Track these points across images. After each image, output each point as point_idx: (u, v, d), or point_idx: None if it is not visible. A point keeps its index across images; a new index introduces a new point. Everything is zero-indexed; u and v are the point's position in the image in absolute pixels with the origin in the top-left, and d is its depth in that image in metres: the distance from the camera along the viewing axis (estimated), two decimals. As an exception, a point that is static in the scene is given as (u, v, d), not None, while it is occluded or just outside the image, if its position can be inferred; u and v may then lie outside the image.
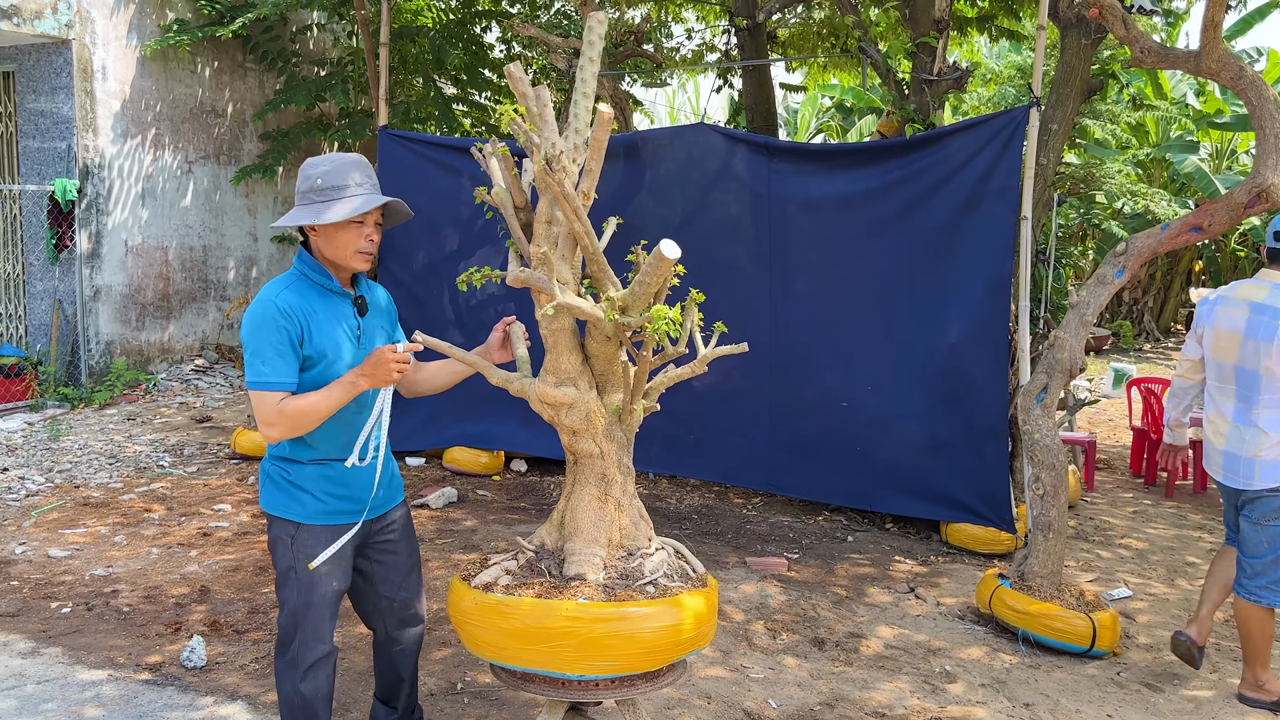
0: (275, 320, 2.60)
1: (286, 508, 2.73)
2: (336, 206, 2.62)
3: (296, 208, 2.69)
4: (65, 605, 4.43)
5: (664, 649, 2.70)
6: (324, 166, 2.67)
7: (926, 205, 5.46)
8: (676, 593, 2.76)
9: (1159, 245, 4.40)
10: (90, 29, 9.04)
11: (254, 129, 10.89)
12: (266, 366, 2.59)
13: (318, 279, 2.72)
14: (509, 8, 10.90)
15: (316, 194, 2.65)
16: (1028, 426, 4.48)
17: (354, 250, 2.68)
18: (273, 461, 2.78)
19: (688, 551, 3.04)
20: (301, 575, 2.72)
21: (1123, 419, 10.11)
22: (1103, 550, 5.81)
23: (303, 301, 2.67)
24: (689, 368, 2.93)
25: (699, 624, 2.76)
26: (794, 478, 6.02)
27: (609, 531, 2.87)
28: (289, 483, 2.73)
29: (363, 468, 2.79)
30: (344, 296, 2.77)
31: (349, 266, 2.73)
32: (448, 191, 6.74)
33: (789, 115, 22.67)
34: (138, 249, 9.71)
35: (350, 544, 2.80)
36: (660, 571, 2.85)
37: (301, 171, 2.71)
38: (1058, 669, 4.12)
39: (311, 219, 2.62)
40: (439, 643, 4.14)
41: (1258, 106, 4.09)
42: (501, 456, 7.05)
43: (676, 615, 2.70)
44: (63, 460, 6.98)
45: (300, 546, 2.72)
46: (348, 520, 2.78)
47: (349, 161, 2.68)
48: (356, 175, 2.67)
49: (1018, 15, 8.55)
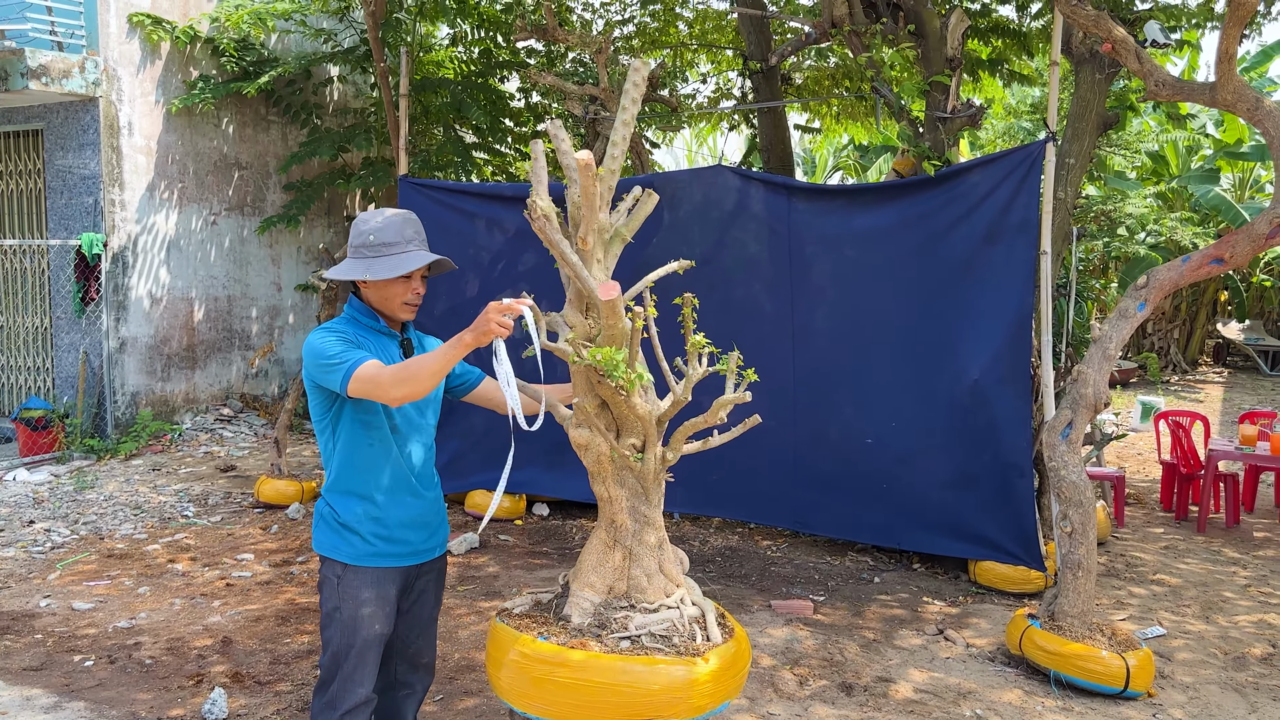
0: (333, 336, 2.71)
1: (335, 548, 2.78)
2: (387, 261, 2.74)
3: (349, 260, 2.80)
4: (89, 658, 4.42)
5: (615, 705, 2.59)
6: (376, 222, 2.78)
7: (946, 241, 5.45)
8: (653, 654, 2.65)
9: (1180, 278, 4.36)
10: (117, 87, 9.23)
11: (278, 180, 11.05)
12: (346, 356, 2.63)
13: (366, 321, 2.83)
14: (527, 59, 11.06)
15: (369, 249, 2.76)
16: (1053, 463, 4.41)
17: (401, 302, 2.80)
18: (325, 500, 2.84)
19: (714, 619, 2.88)
20: (346, 617, 2.75)
21: (1151, 453, 9.96)
22: (1135, 587, 5.70)
23: (357, 333, 2.79)
24: (703, 418, 2.84)
25: (671, 691, 2.59)
26: (819, 516, 5.97)
27: (610, 579, 2.84)
28: (339, 523, 2.78)
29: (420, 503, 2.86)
30: (391, 337, 2.87)
31: (396, 317, 2.85)
32: (467, 236, 6.81)
33: (805, 155, 22.80)
34: (163, 300, 9.83)
35: (395, 587, 2.83)
36: (649, 629, 2.75)
37: (355, 226, 2.83)
38: (1091, 711, 4.02)
39: (362, 274, 2.73)
40: (463, 692, 4.10)
41: (1276, 137, 4.07)
42: (524, 500, 7.03)
43: (636, 674, 2.59)
44: (88, 512, 7.02)
45: (346, 588, 2.76)
46: (395, 564, 2.82)
47: (399, 219, 2.79)
48: (408, 231, 2.79)
49: (1030, 52, 8.58)
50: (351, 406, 2.75)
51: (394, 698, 3.04)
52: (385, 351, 2.81)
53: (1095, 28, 4.41)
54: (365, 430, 2.77)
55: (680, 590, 2.91)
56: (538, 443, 6.98)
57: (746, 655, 2.86)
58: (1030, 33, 8.48)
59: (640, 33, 10.26)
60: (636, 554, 2.89)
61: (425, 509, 2.88)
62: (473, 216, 6.81)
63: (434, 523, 2.93)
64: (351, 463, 2.78)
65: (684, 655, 2.68)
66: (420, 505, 2.86)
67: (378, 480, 2.79)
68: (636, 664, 2.61)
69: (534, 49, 10.89)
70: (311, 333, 2.76)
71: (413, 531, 2.84)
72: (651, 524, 2.91)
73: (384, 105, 8.96)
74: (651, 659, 2.63)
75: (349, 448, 2.78)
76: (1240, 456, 6.88)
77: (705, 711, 2.66)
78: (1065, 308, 7.64)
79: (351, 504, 2.78)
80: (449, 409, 7.03)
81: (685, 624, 2.82)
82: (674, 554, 2.99)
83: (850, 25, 6.76)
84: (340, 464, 2.79)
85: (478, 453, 6.90)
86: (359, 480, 2.78)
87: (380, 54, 8.13)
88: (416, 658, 3.02)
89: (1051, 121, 5.15)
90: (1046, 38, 8.00)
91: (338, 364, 2.63)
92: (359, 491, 2.78)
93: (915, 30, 6.47)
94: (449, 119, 11.04)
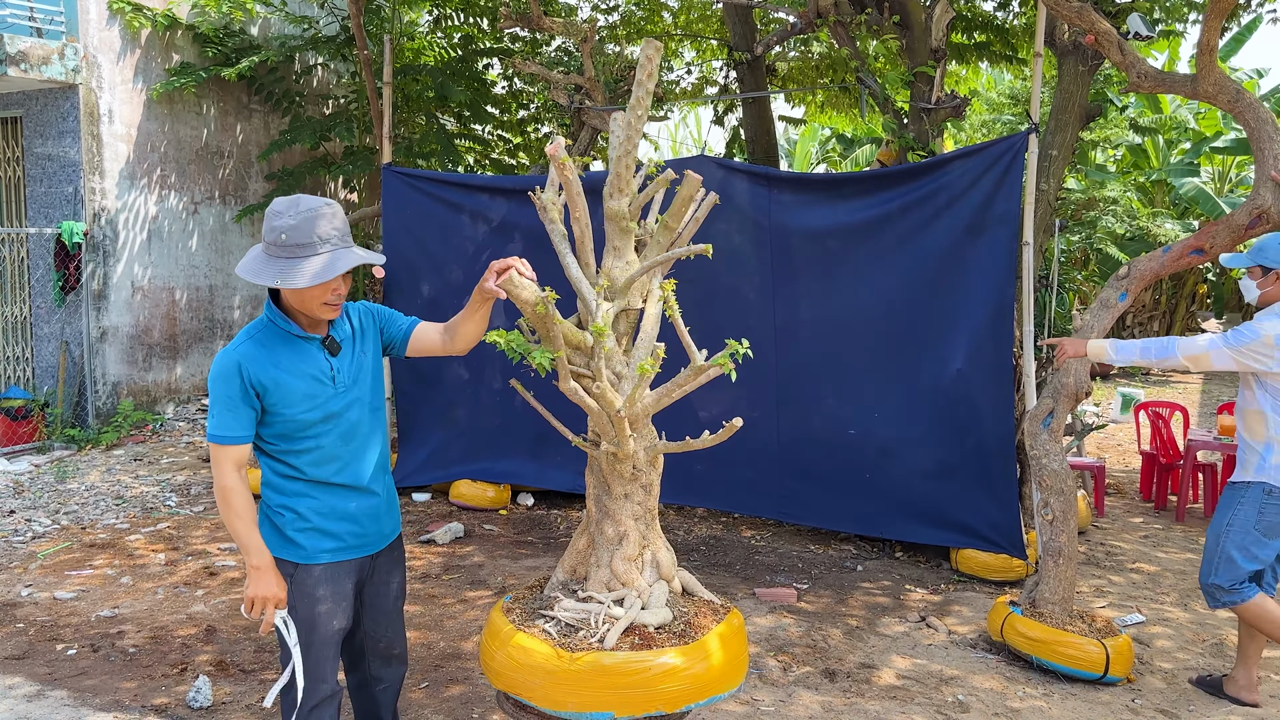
0: (230, 375, 2.58)
1: (282, 548, 2.69)
2: (300, 266, 2.52)
3: (260, 259, 2.59)
4: (71, 647, 4.40)
5: (495, 672, 2.79)
6: (288, 220, 2.54)
7: (929, 232, 5.47)
8: (545, 639, 2.74)
9: (1161, 268, 4.40)
10: (97, 74, 9.15)
11: (259, 169, 10.98)
12: (216, 419, 2.60)
13: (282, 327, 2.66)
14: (510, 45, 11.01)
15: (281, 249, 2.54)
16: (1035, 452, 4.45)
17: (320, 304, 2.61)
18: (266, 499, 2.74)
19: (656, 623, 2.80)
20: (302, 615, 2.69)
21: (1131, 443, 10.06)
22: (1114, 575, 5.76)
23: (264, 352, 2.61)
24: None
25: (529, 674, 2.70)
26: (803, 506, 6.00)
27: (573, 560, 3.02)
28: (284, 523, 2.70)
29: (365, 497, 2.78)
30: (310, 340, 2.68)
31: (316, 318, 2.67)
32: (451, 226, 6.79)
33: (790, 147, 22.81)
34: (144, 290, 9.76)
35: (350, 580, 2.77)
36: (560, 617, 2.80)
37: (266, 217, 2.59)
38: (1072, 696, 4.07)
39: (271, 280, 2.54)
40: (449, 680, 4.11)
41: (1255, 129, 4.10)
42: (508, 490, 7.03)
43: (511, 653, 2.76)
44: (69, 502, 6.98)
45: (299, 587, 2.68)
46: (346, 557, 2.75)
47: (313, 215, 2.54)
48: (323, 228, 2.54)
49: (1014, 48, 8.61)
50: (269, 415, 2.66)
51: (370, 694, 3.01)
52: (305, 363, 2.66)
53: (1079, 20, 4.43)
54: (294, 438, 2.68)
55: (626, 590, 2.85)
56: (522, 434, 7.04)
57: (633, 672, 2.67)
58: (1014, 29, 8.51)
59: (626, 21, 10.23)
60: (596, 543, 2.91)
61: (369, 499, 2.79)
62: (457, 207, 6.79)
63: (381, 510, 2.84)
64: (285, 464, 2.71)
65: (561, 649, 2.69)
66: (364, 496, 2.78)
67: (316, 476, 2.71)
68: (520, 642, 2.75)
69: (518, 35, 10.84)
70: (219, 353, 2.63)
71: (359, 523, 2.76)
72: (610, 516, 2.90)
73: (366, 93, 8.91)
74: (525, 642, 2.73)
75: (279, 451, 2.70)
76: (1219, 446, 6.96)
77: (564, 710, 2.67)
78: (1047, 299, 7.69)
79: (294, 504, 2.70)
80: (431, 403, 7.03)
81: (596, 622, 2.76)
82: (653, 554, 2.94)
83: (836, 16, 6.77)
84: (273, 465, 2.72)
85: (460, 444, 6.91)
86: (296, 482, 2.70)
87: (363, 41, 8.07)
88: (388, 650, 2.98)
89: (1034, 113, 5.18)
90: (1030, 32, 8.04)
91: (210, 423, 2.62)
92: (298, 491, 2.70)
93: (900, 21, 6.49)
94: (431, 107, 10.98)
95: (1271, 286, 3.89)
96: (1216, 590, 3.94)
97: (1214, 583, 3.94)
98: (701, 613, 2.92)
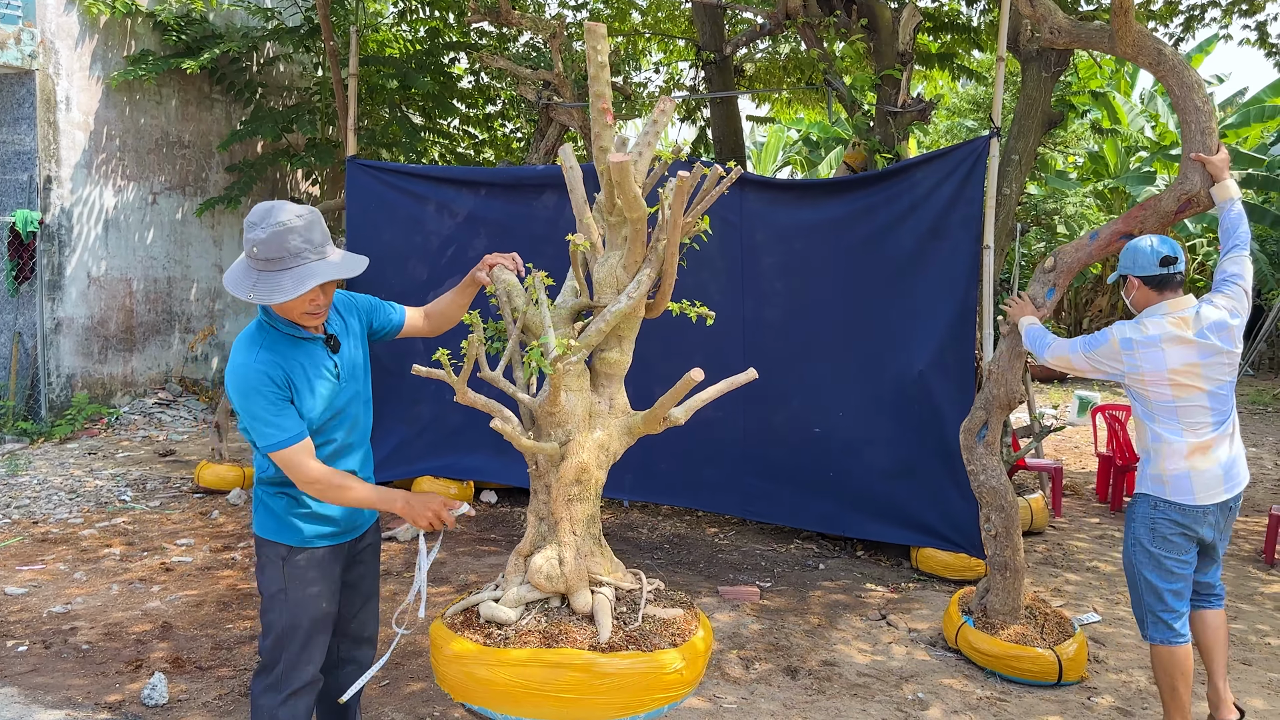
0: (263, 384, 2.57)
1: (278, 531, 2.74)
2: (271, 280, 2.52)
3: (242, 269, 2.57)
4: (21, 643, 4.31)
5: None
6: (259, 234, 2.51)
7: (893, 235, 5.52)
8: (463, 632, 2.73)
9: (1089, 256, 4.20)
10: (54, 60, 8.97)
11: (220, 160, 10.83)
12: (272, 428, 2.56)
13: (285, 329, 2.66)
14: (477, 39, 10.95)
15: (255, 261, 2.53)
16: (972, 467, 4.34)
17: (300, 313, 2.62)
18: (264, 487, 2.78)
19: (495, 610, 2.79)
20: (293, 598, 2.74)
21: (1088, 446, 10.21)
22: (1071, 574, 5.84)
23: (279, 358, 2.62)
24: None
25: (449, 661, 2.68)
26: (767, 504, 6.02)
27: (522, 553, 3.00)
28: (283, 508, 2.75)
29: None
30: (314, 341, 2.71)
31: (301, 325, 2.68)
32: (416, 220, 6.73)
33: (755, 149, 22.91)
34: (100, 280, 9.59)
35: (339, 565, 2.84)
36: (477, 605, 2.81)
37: (245, 225, 2.58)
38: (1029, 694, 4.12)
39: (247, 296, 2.53)
40: (410, 677, 4.08)
41: (1180, 96, 3.84)
42: (471, 487, 6.99)
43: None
44: (21, 496, 6.83)
45: (293, 569, 2.74)
46: (336, 542, 2.82)
47: (282, 230, 2.50)
48: (293, 242, 2.51)
49: (981, 48, 8.71)
50: None
51: (337, 675, 3.03)
52: (315, 362, 2.68)
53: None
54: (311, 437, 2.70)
55: (520, 589, 2.80)
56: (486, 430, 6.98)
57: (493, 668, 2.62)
58: (980, 28, 8.61)
59: (594, 19, 10.23)
60: (547, 538, 2.88)
61: None
62: (422, 199, 6.72)
63: None
64: None
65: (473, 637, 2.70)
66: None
67: None
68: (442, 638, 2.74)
69: (485, 30, 10.78)
70: (235, 353, 2.60)
71: (350, 509, 2.83)
72: (533, 511, 2.90)
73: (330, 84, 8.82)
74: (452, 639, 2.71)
75: None
76: (1172, 449, 7.05)
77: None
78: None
79: (290, 496, 2.74)
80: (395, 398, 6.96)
81: (496, 616, 2.74)
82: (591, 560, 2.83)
83: (804, 17, 6.81)
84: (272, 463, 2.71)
85: (423, 440, 6.85)
86: None
87: (329, 32, 7.99)
88: (360, 632, 3.04)
89: (996, 117, 5.23)
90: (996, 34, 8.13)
91: (264, 437, 2.56)
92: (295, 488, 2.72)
93: (868, 24, 6.54)
94: (395, 98, 10.89)
95: (1135, 293, 3.68)
96: (1150, 618, 3.62)
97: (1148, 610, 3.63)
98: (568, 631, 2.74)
